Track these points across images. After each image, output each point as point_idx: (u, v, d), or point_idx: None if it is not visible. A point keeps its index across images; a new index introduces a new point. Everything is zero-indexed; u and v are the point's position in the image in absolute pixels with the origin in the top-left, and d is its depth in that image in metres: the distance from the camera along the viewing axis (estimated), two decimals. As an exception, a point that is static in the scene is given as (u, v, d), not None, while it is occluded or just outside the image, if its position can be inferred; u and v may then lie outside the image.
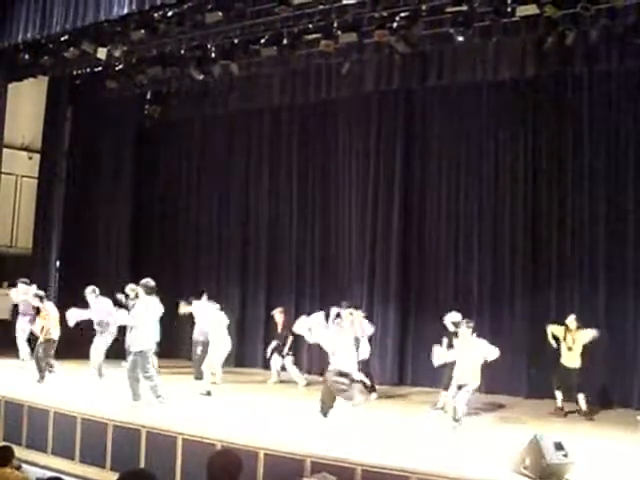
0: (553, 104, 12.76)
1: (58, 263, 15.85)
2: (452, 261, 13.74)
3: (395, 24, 11.27)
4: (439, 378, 10.90)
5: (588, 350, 10.92)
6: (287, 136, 15.64)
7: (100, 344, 12.35)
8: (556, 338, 11.12)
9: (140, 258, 16.31)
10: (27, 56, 13.82)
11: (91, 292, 12.37)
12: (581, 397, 10.85)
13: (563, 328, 11.09)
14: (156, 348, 11.36)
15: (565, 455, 7.34)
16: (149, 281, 10.27)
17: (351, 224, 14.70)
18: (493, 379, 11.59)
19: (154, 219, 17.06)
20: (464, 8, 10.72)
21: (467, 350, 9.97)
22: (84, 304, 12.37)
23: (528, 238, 12.96)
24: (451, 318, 10.91)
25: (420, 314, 13.69)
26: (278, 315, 13.54)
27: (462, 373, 9.93)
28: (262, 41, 12.46)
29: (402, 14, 11.23)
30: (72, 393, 11.01)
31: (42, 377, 11.74)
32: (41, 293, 12.28)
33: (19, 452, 6.95)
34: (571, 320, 11.03)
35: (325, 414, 9.27)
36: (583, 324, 11.11)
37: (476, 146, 13.53)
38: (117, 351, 12.77)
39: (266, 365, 14.00)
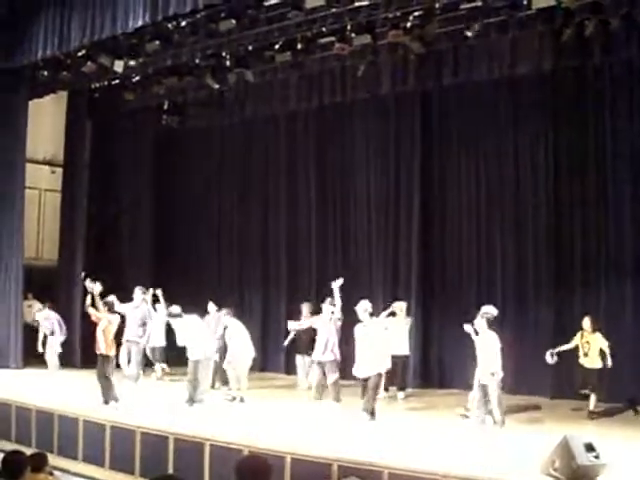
0: (573, 97, 12.52)
1: (83, 275, 15.60)
2: (474, 258, 13.59)
3: (409, 24, 11.20)
4: (468, 378, 10.58)
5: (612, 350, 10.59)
6: (304, 141, 15.63)
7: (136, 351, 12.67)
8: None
9: (163, 268, 16.35)
10: (46, 72, 14.01)
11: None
12: (593, 398, 10.50)
13: (580, 333, 10.77)
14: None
15: (596, 456, 7.06)
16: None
17: (371, 226, 14.63)
18: (517, 378, 11.39)
19: (175, 230, 17.08)
20: (479, 4, 10.53)
21: (483, 344, 9.56)
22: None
23: (551, 234, 12.74)
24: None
25: (444, 312, 13.54)
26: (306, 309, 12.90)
27: (482, 371, 9.53)
28: (276, 47, 12.44)
29: (416, 13, 11.13)
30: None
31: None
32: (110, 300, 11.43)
33: (51, 459, 6.98)
34: (586, 323, 10.69)
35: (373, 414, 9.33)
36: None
37: (495, 144, 13.39)
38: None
39: (288, 370, 13.95)
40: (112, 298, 11.72)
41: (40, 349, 13.41)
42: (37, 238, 16.39)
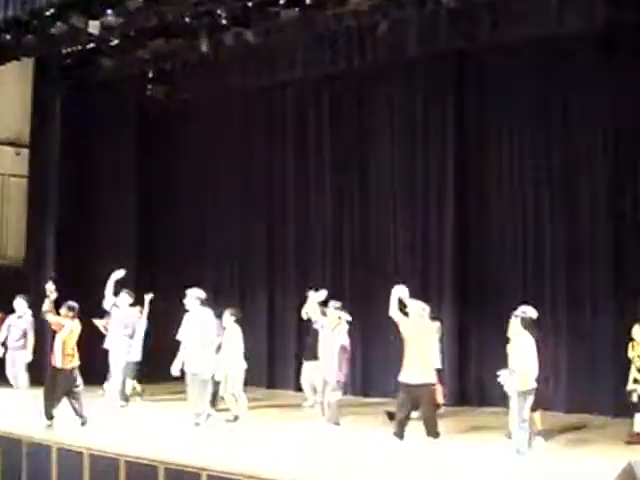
0: (631, 57, 12.37)
1: (54, 274, 15.19)
2: (520, 254, 13.62)
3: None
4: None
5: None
6: (315, 114, 15.66)
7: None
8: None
9: (148, 264, 16.47)
10: (8, 36, 13.90)
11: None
12: (637, 417, 10.46)
13: (630, 344, 10.70)
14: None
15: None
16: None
17: (396, 217, 14.71)
18: (572, 395, 11.50)
19: (163, 221, 17.21)
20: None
21: (515, 349, 9.50)
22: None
23: (610, 225, 12.73)
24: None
25: (482, 316, 13.60)
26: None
27: (512, 380, 9.42)
28: (281, 1, 12.38)
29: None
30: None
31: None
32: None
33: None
34: (636, 332, 10.60)
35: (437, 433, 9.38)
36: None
37: (543, 117, 13.29)
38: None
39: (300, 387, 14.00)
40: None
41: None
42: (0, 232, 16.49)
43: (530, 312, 9.85)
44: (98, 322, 13.70)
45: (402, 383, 9.47)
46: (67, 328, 11.05)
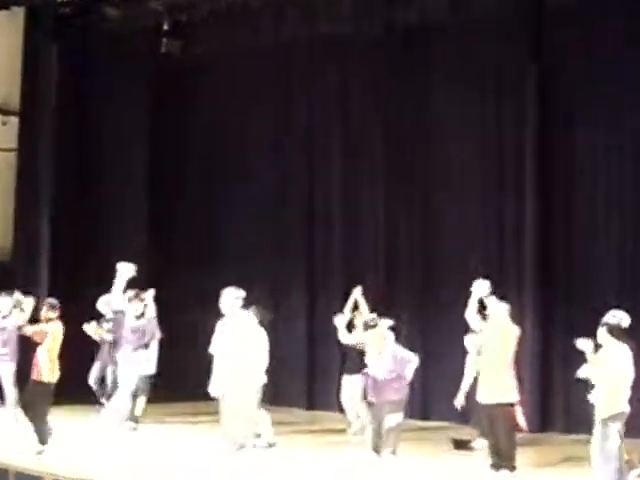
0: None
1: (47, 267, 15.87)
2: (614, 253, 13.50)
3: None
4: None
5: None
6: (363, 75, 15.54)
7: None
8: None
9: (162, 252, 16.49)
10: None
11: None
12: None
13: None
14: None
15: None
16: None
17: (463, 205, 14.57)
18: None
19: (180, 196, 17.26)
20: None
21: (602, 363, 9.20)
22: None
23: None
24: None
25: (570, 319, 13.41)
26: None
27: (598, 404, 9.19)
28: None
29: None
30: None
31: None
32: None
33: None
34: None
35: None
36: None
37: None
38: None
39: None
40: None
41: None
42: (-18, 217, 16.27)
43: (621, 316, 9.48)
44: (91, 328, 13.72)
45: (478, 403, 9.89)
46: (50, 336, 10.99)
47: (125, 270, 12.75)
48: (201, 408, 13.87)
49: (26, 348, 12.20)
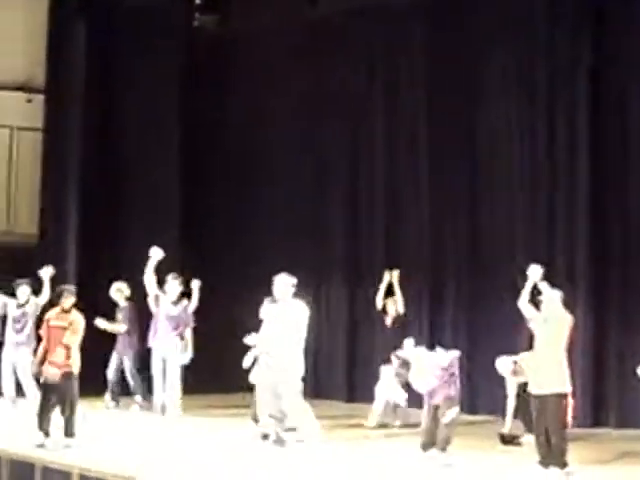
0: None
1: (75, 254, 15.89)
2: None
3: None
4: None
5: None
6: (410, 51, 15.38)
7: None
8: None
9: (194, 239, 16.50)
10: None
11: None
12: None
13: None
14: None
15: None
16: None
17: (513, 191, 14.30)
18: None
19: (215, 182, 17.13)
20: None
21: None
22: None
23: None
24: None
25: (625, 308, 13.20)
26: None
27: None
28: None
29: None
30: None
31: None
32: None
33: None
34: None
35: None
36: None
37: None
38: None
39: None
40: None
41: None
42: (6, 201, 16.32)
43: None
44: (102, 322, 13.70)
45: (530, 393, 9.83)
46: (76, 325, 10.69)
47: (154, 253, 12.59)
48: (234, 401, 13.82)
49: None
